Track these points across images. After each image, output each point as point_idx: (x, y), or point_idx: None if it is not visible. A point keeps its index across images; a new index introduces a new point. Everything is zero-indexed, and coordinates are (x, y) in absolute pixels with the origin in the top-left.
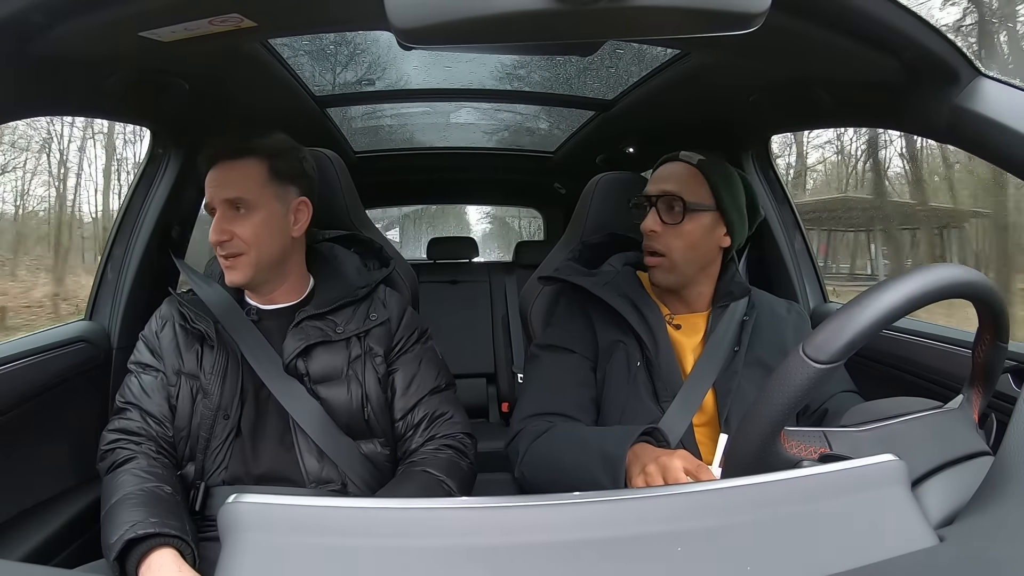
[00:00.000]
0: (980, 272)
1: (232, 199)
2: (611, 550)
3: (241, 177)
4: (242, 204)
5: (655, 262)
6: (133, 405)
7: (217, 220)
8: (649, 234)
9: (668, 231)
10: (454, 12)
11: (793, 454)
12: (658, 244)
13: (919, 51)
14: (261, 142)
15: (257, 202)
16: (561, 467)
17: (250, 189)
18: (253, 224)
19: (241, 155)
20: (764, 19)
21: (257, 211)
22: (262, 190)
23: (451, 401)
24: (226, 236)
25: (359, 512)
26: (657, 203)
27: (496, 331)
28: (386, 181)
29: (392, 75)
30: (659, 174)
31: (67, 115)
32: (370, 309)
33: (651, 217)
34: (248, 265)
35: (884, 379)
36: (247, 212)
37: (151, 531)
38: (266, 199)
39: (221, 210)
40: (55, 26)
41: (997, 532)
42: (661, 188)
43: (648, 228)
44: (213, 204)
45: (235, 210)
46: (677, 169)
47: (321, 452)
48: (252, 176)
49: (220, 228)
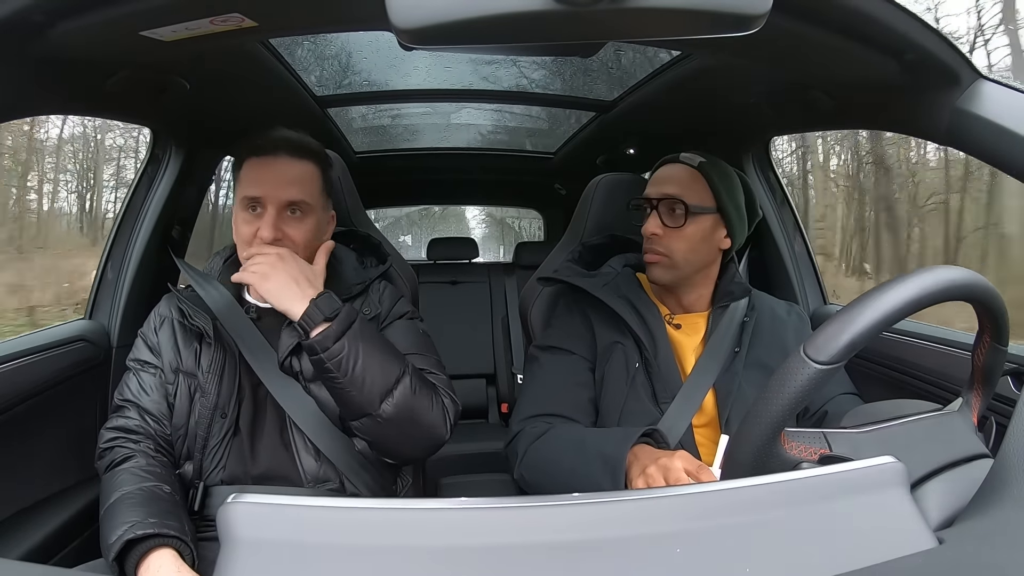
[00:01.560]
0: (980, 274)
1: (295, 201)
2: (610, 551)
3: (303, 179)
4: (300, 208)
5: (655, 259)
6: (131, 403)
7: (270, 219)
8: (651, 237)
9: (670, 234)
10: (455, 13)
11: (793, 455)
12: (659, 247)
13: (919, 53)
14: (317, 146)
15: (314, 208)
16: (560, 469)
17: (311, 194)
18: (307, 229)
19: (302, 156)
20: (765, 21)
21: (311, 217)
22: (318, 197)
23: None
24: (279, 235)
25: (358, 512)
26: (658, 206)
27: (496, 332)
28: (386, 181)
29: (393, 75)
30: (659, 176)
31: (68, 114)
32: (363, 305)
33: (652, 220)
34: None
35: (884, 381)
36: (302, 216)
37: (150, 531)
38: (318, 207)
39: (275, 209)
40: (56, 25)
41: (996, 534)
42: (662, 191)
43: (650, 231)
44: (267, 201)
45: (290, 212)
46: (678, 171)
47: (318, 451)
48: (313, 180)
49: (275, 227)
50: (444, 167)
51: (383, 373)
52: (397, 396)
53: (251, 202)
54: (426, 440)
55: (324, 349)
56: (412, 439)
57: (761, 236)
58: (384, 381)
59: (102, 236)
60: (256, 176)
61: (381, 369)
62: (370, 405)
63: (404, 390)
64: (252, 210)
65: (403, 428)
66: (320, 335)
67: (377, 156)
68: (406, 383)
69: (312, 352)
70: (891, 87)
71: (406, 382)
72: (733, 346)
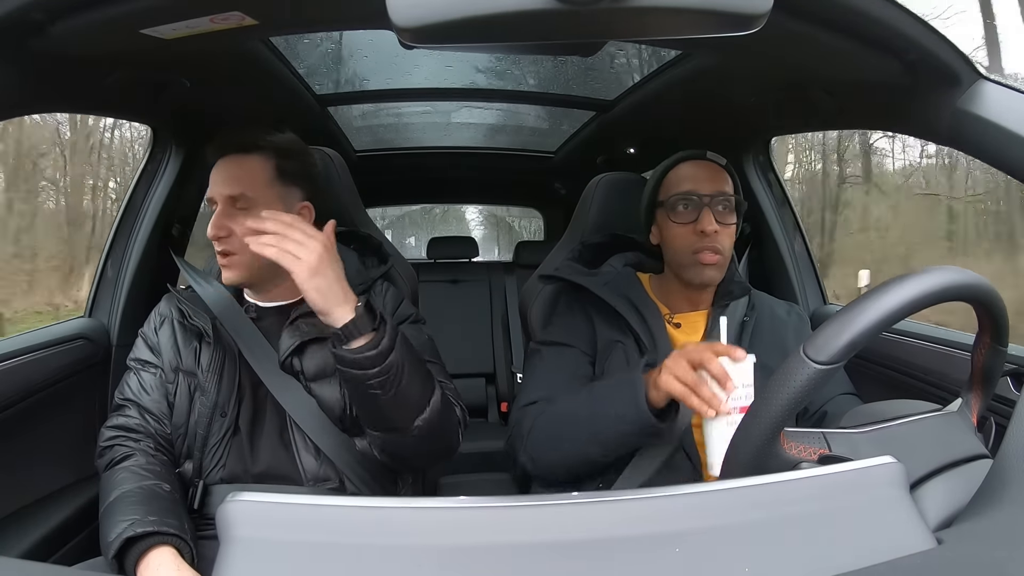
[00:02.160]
0: (980, 275)
1: (234, 195)
2: (610, 550)
3: (246, 173)
4: (243, 201)
5: (715, 259)
6: (131, 402)
7: (217, 215)
8: (711, 235)
9: (723, 231)
10: (456, 11)
11: (793, 455)
12: (718, 243)
13: (920, 53)
14: (270, 139)
15: (259, 200)
16: (576, 421)
17: (253, 187)
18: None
19: (248, 150)
20: (766, 20)
21: (258, 209)
22: (266, 189)
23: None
24: (224, 232)
25: (358, 511)
26: (711, 203)
27: (496, 331)
28: (387, 180)
29: (393, 74)
30: (699, 174)
31: (68, 112)
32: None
33: (709, 217)
34: (244, 264)
35: (883, 382)
36: (248, 210)
37: (149, 529)
38: (269, 199)
39: (222, 205)
40: (56, 23)
41: (995, 535)
42: (715, 188)
43: (711, 228)
44: (215, 198)
45: (236, 207)
46: (712, 170)
47: (318, 450)
48: (257, 173)
49: (219, 223)
50: (444, 166)
51: (422, 390)
52: (428, 413)
53: (210, 204)
54: (442, 452)
55: (374, 365)
56: (430, 452)
57: (761, 236)
58: (421, 398)
59: None
60: (211, 177)
61: (421, 386)
62: (404, 421)
63: (435, 406)
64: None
65: (426, 443)
66: (368, 350)
67: (377, 155)
68: (437, 399)
69: (358, 367)
70: (892, 87)
71: (437, 398)
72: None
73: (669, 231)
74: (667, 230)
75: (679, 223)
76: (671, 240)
